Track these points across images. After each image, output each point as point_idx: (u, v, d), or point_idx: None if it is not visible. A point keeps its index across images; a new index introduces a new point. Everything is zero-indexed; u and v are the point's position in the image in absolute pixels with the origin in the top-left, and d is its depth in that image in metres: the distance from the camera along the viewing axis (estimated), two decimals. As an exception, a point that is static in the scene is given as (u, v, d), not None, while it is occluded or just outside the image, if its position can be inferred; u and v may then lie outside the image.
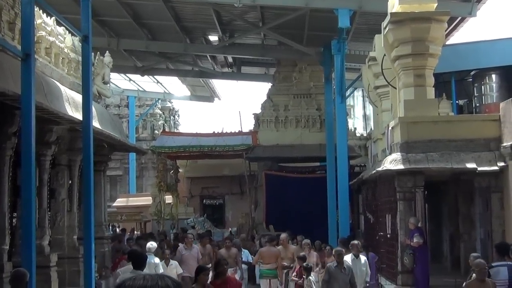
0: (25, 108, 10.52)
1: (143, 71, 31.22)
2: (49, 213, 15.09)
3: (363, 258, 14.77)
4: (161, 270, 13.67)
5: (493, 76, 24.55)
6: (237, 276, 15.36)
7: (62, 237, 15.76)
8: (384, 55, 18.44)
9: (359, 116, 48.90)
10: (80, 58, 15.06)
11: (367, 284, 14.79)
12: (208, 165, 32.60)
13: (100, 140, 17.08)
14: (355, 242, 15.18)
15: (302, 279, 15.25)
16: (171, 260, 15.53)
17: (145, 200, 33.88)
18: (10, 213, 13.04)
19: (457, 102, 25.25)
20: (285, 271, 16.91)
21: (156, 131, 44.39)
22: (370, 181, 20.17)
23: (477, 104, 24.96)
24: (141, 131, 45.35)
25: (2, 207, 12.35)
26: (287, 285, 16.76)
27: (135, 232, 30.05)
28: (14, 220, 13.80)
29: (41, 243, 13.72)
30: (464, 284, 10.35)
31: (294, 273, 15.90)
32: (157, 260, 14.39)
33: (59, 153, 15.51)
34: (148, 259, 11.75)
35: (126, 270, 11.51)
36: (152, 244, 14.76)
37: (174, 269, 15.14)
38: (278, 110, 28.54)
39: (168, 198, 30.73)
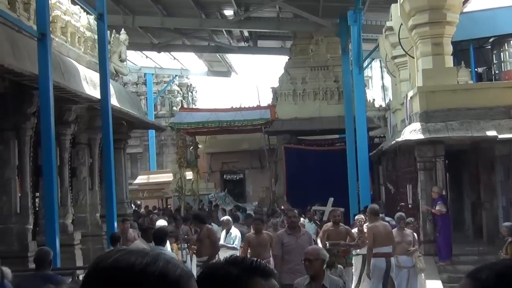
0: (42, 88, 10.58)
1: (159, 48, 31.17)
2: (71, 192, 15.21)
3: None
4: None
5: (512, 42, 24.27)
6: None
7: (85, 215, 15.90)
8: (401, 24, 18.28)
9: (377, 87, 48.61)
10: (96, 37, 15.09)
11: None
12: (228, 140, 32.64)
13: (119, 118, 17.15)
14: None
15: None
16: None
17: (166, 177, 34.01)
18: (32, 192, 13.16)
19: (476, 69, 25.01)
20: None
21: (174, 108, 44.37)
22: (390, 151, 20.12)
23: (496, 71, 24.71)
24: (160, 108, 45.37)
25: (25, 187, 12.47)
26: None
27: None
28: (37, 200, 13.92)
29: (64, 222, 13.85)
30: (500, 252, 10.42)
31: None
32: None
33: (78, 132, 15.60)
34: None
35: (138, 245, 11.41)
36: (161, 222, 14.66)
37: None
38: (295, 83, 28.44)
39: (189, 174, 30.82)
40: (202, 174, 32.17)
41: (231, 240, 13.62)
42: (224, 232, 13.80)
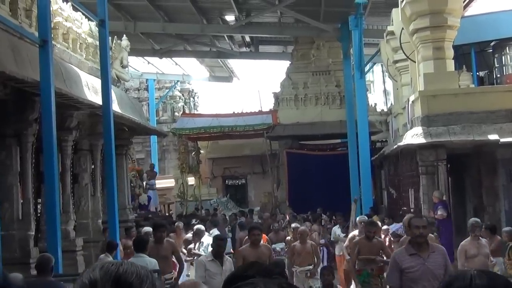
0: (44, 94, 10.59)
1: (161, 54, 31.23)
2: (73, 198, 15.19)
3: None
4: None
5: (514, 46, 24.24)
6: None
7: (87, 221, 15.89)
8: (402, 29, 18.31)
9: (379, 91, 48.60)
10: (97, 43, 15.10)
11: None
12: (229, 146, 32.65)
13: (121, 124, 17.14)
14: None
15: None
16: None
17: (168, 182, 34.02)
18: (34, 199, 13.16)
19: (477, 73, 24.98)
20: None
21: (176, 113, 44.39)
22: (392, 156, 20.11)
23: (498, 75, 24.68)
24: (161, 113, 45.38)
25: (26, 193, 12.46)
26: None
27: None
28: (39, 206, 13.92)
29: (66, 228, 13.83)
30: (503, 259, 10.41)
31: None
32: None
33: (80, 138, 15.60)
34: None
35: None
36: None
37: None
38: (297, 88, 28.46)
39: (191, 180, 30.84)
40: (204, 180, 32.17)
41: (201, 248, 12.76)
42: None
